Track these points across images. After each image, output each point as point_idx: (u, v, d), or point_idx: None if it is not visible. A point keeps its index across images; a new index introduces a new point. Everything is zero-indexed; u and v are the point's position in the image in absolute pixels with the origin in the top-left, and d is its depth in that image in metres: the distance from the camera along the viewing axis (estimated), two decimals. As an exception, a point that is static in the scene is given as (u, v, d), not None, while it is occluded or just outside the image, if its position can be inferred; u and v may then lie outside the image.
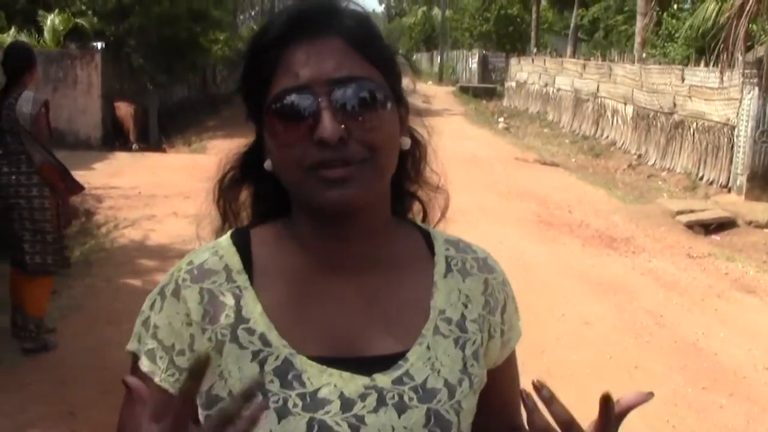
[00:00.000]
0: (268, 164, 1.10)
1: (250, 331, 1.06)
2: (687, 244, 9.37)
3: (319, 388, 1.03)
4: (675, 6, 16.80)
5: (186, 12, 17.30)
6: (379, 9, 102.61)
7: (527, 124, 23.45)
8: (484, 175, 13.41)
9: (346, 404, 1.03)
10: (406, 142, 1.14)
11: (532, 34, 34.65)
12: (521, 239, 8.77)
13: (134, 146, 15.75)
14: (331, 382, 1.04)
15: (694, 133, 14.02)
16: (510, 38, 35.92)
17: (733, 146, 12.40)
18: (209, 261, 1.10)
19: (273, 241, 1.14)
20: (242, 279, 1.09)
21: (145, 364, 1.08)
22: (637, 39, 19.31)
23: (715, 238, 10.12)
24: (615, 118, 18.45)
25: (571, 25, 28.69)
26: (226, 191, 1.22)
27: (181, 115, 20.96)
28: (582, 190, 12.72)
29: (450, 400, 1.08)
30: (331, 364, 1.05)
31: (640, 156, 16.41)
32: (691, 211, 11.07)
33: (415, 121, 1.19)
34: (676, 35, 16.34)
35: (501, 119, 24.44)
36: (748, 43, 12.01)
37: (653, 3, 18.22)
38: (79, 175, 10.94)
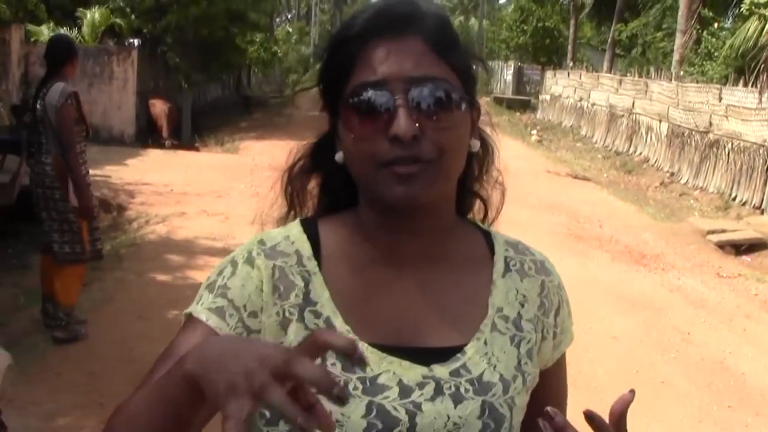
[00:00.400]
0: (339, 156, 1.12)
1: (317, 314, 1.09)
2: (717, 263, 9.30)
3: (378, 374, 1.06)
4: (716, 25, 16.62)
5: (223, 12, 17.46)
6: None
7: (560, 138, 23.37)
8: (516, 186, 13.22)
9: (404, 391, 1.06)
10: (476, 145, 1.16)
11: (569, 47, 34.54)
12: (550, 252, 8.63)
13: (167, 143, 15.91)
14: (390, 370, 1.07)
15: (729, 153, 13.90)
16: (546, 51, 35.68)
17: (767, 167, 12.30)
18: (281, 244, 1.13)
19: (340, 232, 1.16)
20: (312, 265, 1.12)
21: (212, 320, 1.07)
22: (676, 56, 19.18)
23: (746, 259, 10.03)
24: (649, 135, 18.33)
25: (609, 40, 28.52)
26: (294, 179, 1.23)
27: (214, 114, 21.14)
28: (613, 206, 12.67)
29: (504, 395, 1.11)
30: (390, 352, 1.08)
31: (672, 174, 16.30)
32: (723, 231, 10.99)
33: (482, 121, 1.20)
34: (715, 54, 16.17)
35: (534, 132, 24.36)
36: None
37: (694, 21, 18.12)
38: (112, 171, 11.21)
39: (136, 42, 17.96)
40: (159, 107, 16.46)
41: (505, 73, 39.33)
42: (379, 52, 1.05)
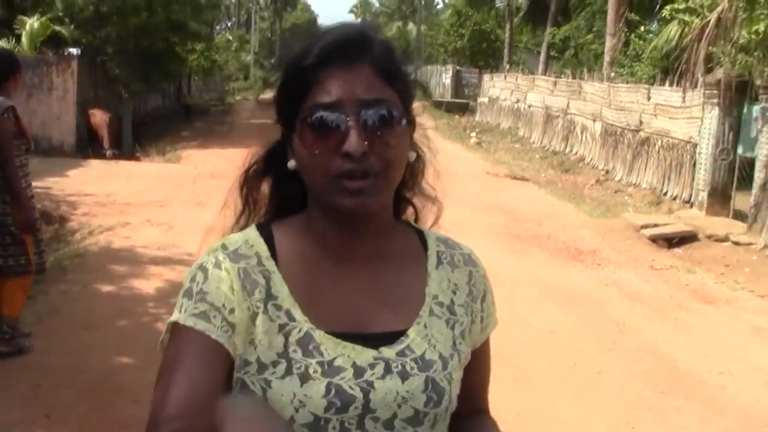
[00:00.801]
0: (291, 164, 1.27)
1: (279, 307, 1.22)
2: (650, 256, 9.64)
3: (335, 358, 1.20)
4: (642, 27, 17.16)
5: (164, 22, 17.42)
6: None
7: (499, 140, 23.77)
8: (456, 189, 13.53)
9: (358, 372, 1.20)
10: (412, 156, 1.31)
11: (505, 50, 35.11)
12: (490, 251, 8.94)
13: (108, 153, 15.81)
14: (345, 353, 1.21)
15: (659, 150, 14.37)
16: (483, 54, 36.30)
17: (695, 163, 12.75)
18: (242, 247, 1.26)
19: (292, 234, 1.30)
20: (270, 264, 1.25)
21: (200, 324, 1.17)
22: (606, 58, 19.73)
23: (678, 251, 10.41)
24: (584, 135, 18.80)
25: (543, 43, 29.09)
26: (249, 182, 1.36)
27: (155, 124, 21.02)
28: (550, 205, 12.99)
29: (444, 371, 1.26)
30: (344, 338, 1.22)
31: (607, 172, 16.75)
32: (655, 225, 11.39)
33: (417, 132, 1.34)
34: (643, 55, 16.69)
35: (473, 134, 24.71)
36: (709, 65, 12.36)
37: (621, 24, 18.66)
38: (53, 182, 11.13)
39: (75, 52, 17.79)
40: (99, 117, 16.34)
41: (444, 77, 39.77)
42: (334, 77, 1.19)
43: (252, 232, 1.29)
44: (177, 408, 1.13)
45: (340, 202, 1.19)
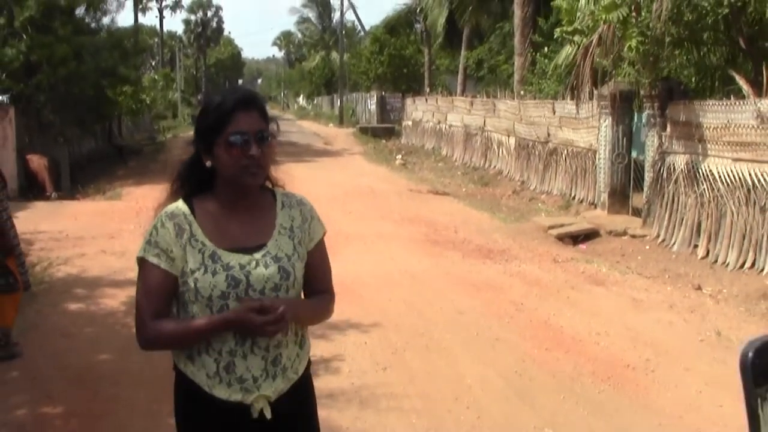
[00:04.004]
0: (209, 163, 2.44)
1: (197, 240, 2.41)
2: (555, 252, 10.87)
3: (229, 261, 2.39)
4: (545, 47, 18.66)
5: (93, 70, 18.25)
6: (279, 55, 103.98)
7: (423, 160, 25.05)
8: (381, 205, 14.80)
9: (242, 267, 2.39)
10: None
11: (426, 74, 36.56)
12: (410, 255, 10.14)
13: (53, 195, 16.55)
14: (234, 258, 2.41)
15: (565, 159, 15.77)
16: (405, 79, 37.66)
17: (596, 168, 14.13)
18: (175, 211, 2.45)
19: (205, 200, 2.48)
20: (191, 218, 2.44)
21: (154, 260, 2.38)
22: (516, 77, 21.19)
23: (582, 247, 11.70)
24: (500, 150, 20.16)
25: (460, 66, 30.58)
26: (180, 176, 2.53)
27: (90, 166, 21.74)
28: (468, 215, 14.20)
29: (288, 262, 2.46)
30: (233, 251, 2.42)
31: (523, 182, 18.10)
32: (561, 226, 12.70)
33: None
34: (548, 73, 18.16)
35: (399, 156, 25.93)
36: (596, 80, 13.76)
37: (527, 45, 20.19)
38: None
39: (4, 99, 18.43)
40: (37, 162, 17.08)
41: (369, 103, 40.97)
42: (241, 118, 2.38)
43: (180, 203, 2.49)
44: (148, 308, 2.38)
45: (246, 181, 2.41)
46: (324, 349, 6.10)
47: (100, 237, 11.19)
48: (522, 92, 19.74)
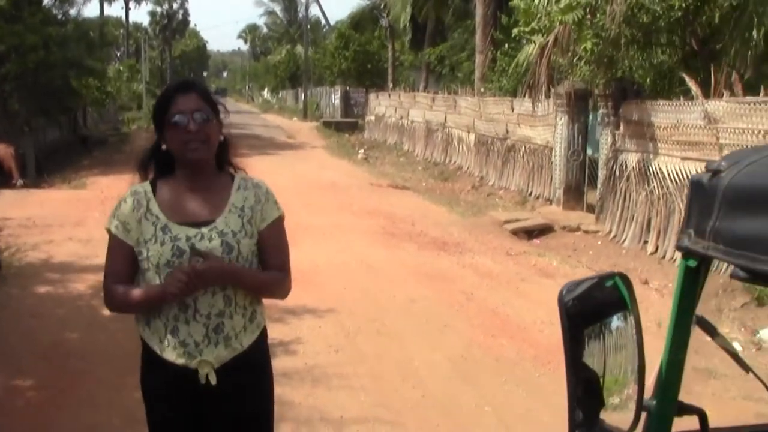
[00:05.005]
0: (164, 147, 2.68)
1: (152, 214, 2.65)
2: (509, 246, 11.14)
3: (177, 233, 2.62)
4: (506, 45, 18.94)
5: (61, 60, 18.25)
6: (245, 48, 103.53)
7: (385, 155, 25.27)
8: (341, 198, 15.00)
9: (188, 239, 2.63)
10: (221, 137, 2.76)
11: (389, 70, 36.78)
12: (367, 246, 10.35)
13: (19, 183, 16.49)
14: (182, 231, 2.64)
15: (523, 155, 16.07)
16: (369, 74, 37.81)
17: (552, 165, 14.45)
18: (138, 189, 2.70)
19: (166, 181, 2.73)
20: (150, 195, 2.68)
21: (115, 231, 2.64)
22: (477, 74, 21.47)
23: (536, 241, 11.99)
24: (461, 146, 20.43)
25: (423, 62, 30.85)
26: (142, 163, 2.79)
27: (55, 155, 21.71)
28: (426, 209, 14.45)
29: (233, 237, 2.67)
30: (183, 225, 2.65)
31: (482, 178, 18.39)
32: (516, 221, 12.99)
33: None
34: (508, 71, 18.44)
35: (361, 151, 26.11)
36: (561, 76, 14.09)
37: (488, 43, 20.48)
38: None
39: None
40: (3, 150, 16.94)
41: (333, 98, 41.16)
42: (180, 100, 2.64)
43: (146, 183, 2.74)
44: (109, 270, 2.67)
45: (189, 155, 2.65)
46: (280, 332, 6.30)
47: (67, 224, 11.33)
48: (482, 89, 20.01)
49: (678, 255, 7.11)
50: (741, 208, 1.30)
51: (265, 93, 77.81)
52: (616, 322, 1.62)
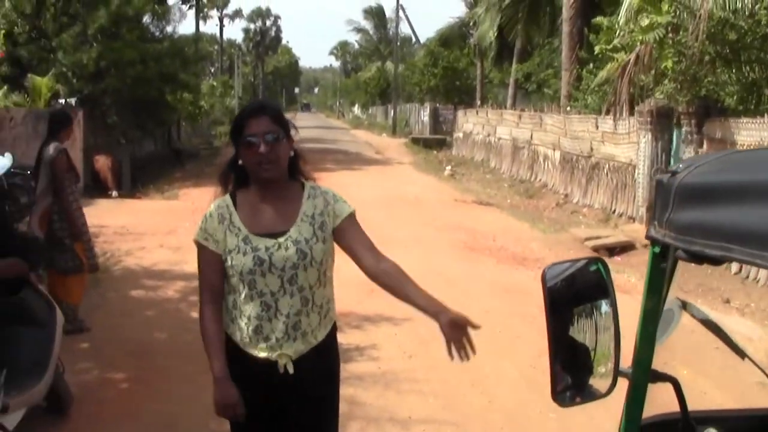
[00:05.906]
0: (240, 162, 3.03)
1: (234, 226, 3.00)
2: (588, 262, 11.25)
3: (257, 244, 2.98)
4: (591, 64, 19.01)
5: (156, 75, 19.18)
6: (336, 64, 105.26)
7: (472, 171, 25.50)
8: (424, 213, 15.35)
9: (267, 249, 2.97)
10: (292, 152, 3.08)
11: (478, 87, 36.98)
12: (446, 259, 10.67)
13: (114, 194, 17.48)
14: (261, 242, 2.98)
15: (607, 173, 16.11)
16: (457, 91, 38.10)
17: (635, 183, 14.47)
18: (220, 203, 3.05)
19: (245, 193, 3.08)
20: (232, 209, 3.04)
21: (203, 242, 3.01)
22: (563, 91, 21.57)
23: (617, 258, 12.06)
24: (546, 163, 20.52)
25: (511, 80, 30.99)
26: (223, 175, 3.16)
27: (150, 167, 22.72)
28: (509, 225, 14.65)
29: (307, 245, 2.99)
30: (262, 236, 3.00)
31: (566, 195, 18.45)
32: (597, 237, 13.09)
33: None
34: (593, 88, 18.51)
35: (448, 167, 26.38)
36: (644, 94, 14.13)
37: (573, 61, 20.58)
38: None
39: (72, 102, 19.42)
40: (102, 162, 18.01)
41: (423, 115, 41.54)
42: (253, 122, 2.96)
43: (226, 196, 3.09)
44: (207, 288, 3.02)
45: (261, 174, 2.99)
46: (358, 338, 6.70)
47: (159, 233, 12.04)
48: (568, 107, 20.09)
49: (762, 275, 7.24)
50: (687, 202, 1.59)
51: (356, 109, 78.95)
52: (604, 306, 1.91)
